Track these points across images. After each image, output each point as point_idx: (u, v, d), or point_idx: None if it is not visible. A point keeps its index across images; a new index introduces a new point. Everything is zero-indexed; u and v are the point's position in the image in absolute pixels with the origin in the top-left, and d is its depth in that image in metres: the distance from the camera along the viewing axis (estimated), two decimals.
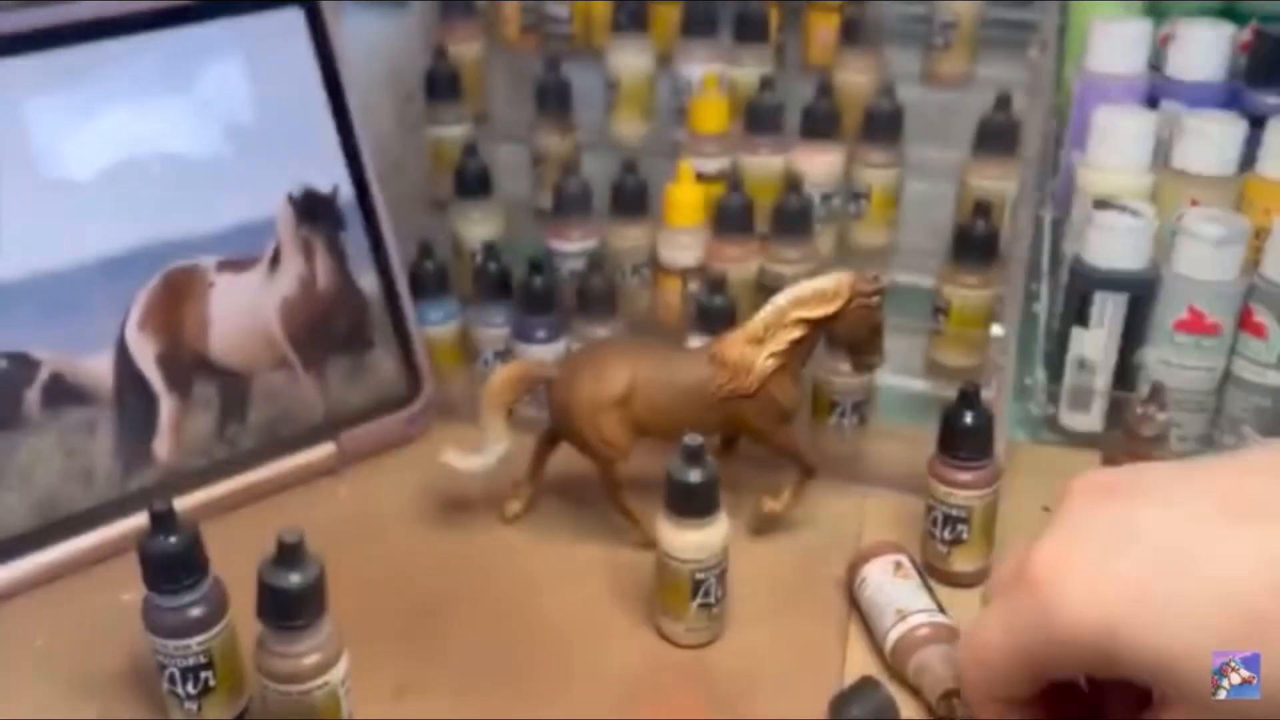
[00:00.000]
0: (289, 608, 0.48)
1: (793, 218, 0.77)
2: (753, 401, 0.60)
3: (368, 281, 0.74)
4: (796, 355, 0.60)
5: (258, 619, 0.48)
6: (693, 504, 0.56)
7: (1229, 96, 0.78)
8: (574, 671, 0.58)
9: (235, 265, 0.69)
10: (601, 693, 0.56)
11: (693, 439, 0.55)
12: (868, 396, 0.73)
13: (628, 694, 0.56)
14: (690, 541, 0.56)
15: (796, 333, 0.59)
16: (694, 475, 0.55)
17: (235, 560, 0.60)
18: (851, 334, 0.61)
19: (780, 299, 0.60)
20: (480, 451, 0.63)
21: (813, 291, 0.59)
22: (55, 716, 0.55)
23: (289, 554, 0.48)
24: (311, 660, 0.48)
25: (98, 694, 0.56)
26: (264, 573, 0.48)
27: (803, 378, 0.63)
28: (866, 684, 0.53)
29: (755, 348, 0.59)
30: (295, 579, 0.47)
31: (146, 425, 0.66)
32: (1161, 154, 0.76)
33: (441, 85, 0.89)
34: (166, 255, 0.66)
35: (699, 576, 0.57)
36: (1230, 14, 0.83)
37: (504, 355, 0.78)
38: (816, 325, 0.60)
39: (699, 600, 0.57)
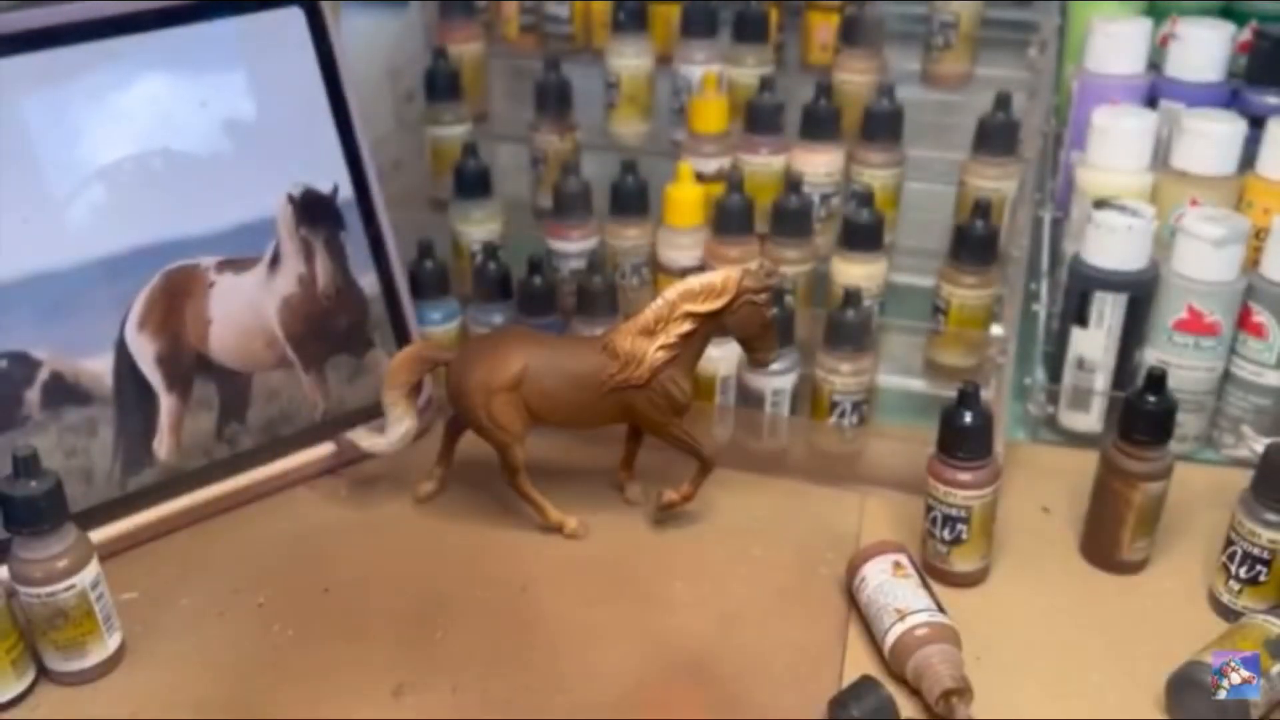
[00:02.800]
0: (34, 513, 0.54)
1: (793, 218, 0.77)
2: (644, 392, 0.62)
3: (368, 281, 0.74)
4: (688, 348, 0.62)
5: (6, 530, 0.54)
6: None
7: (1229, 96, 0.78)
8: (573, 672, 0.57)
9: (235, 265, 0.69)
10: (601, 692, 0.56)
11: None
12: (868, 396, 0.73)
13: (628, 694, 0.56)
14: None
15: (686, 326, 0.60)
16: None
17: (236, 560, 0.61)
18: (742, 329, 0.62)
19: (670, 293, 0.61)
20: (385, 432, 0.66)
21: (701, 286, 0.61)
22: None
23: (25, 466, 0.54)
24: (62, 564, 0.55)
25: None
26: (4, 486, 0.54)
27: (695, 372, 0.65)
28: (866, 684, 0.53)
29: (646, 339, 0.61)
30: (35, 485, 0.54)
31: (146, 425, 0.66)
32: (1161, 154, 0.76)
33: (441, 85, 0.89)
34: (166, 255, 0.66)
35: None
36: (1230, 14, 0.83)
37: None
38: (705, 320, 0.61)
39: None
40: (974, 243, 0.75)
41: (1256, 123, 0.73)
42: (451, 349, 0.66)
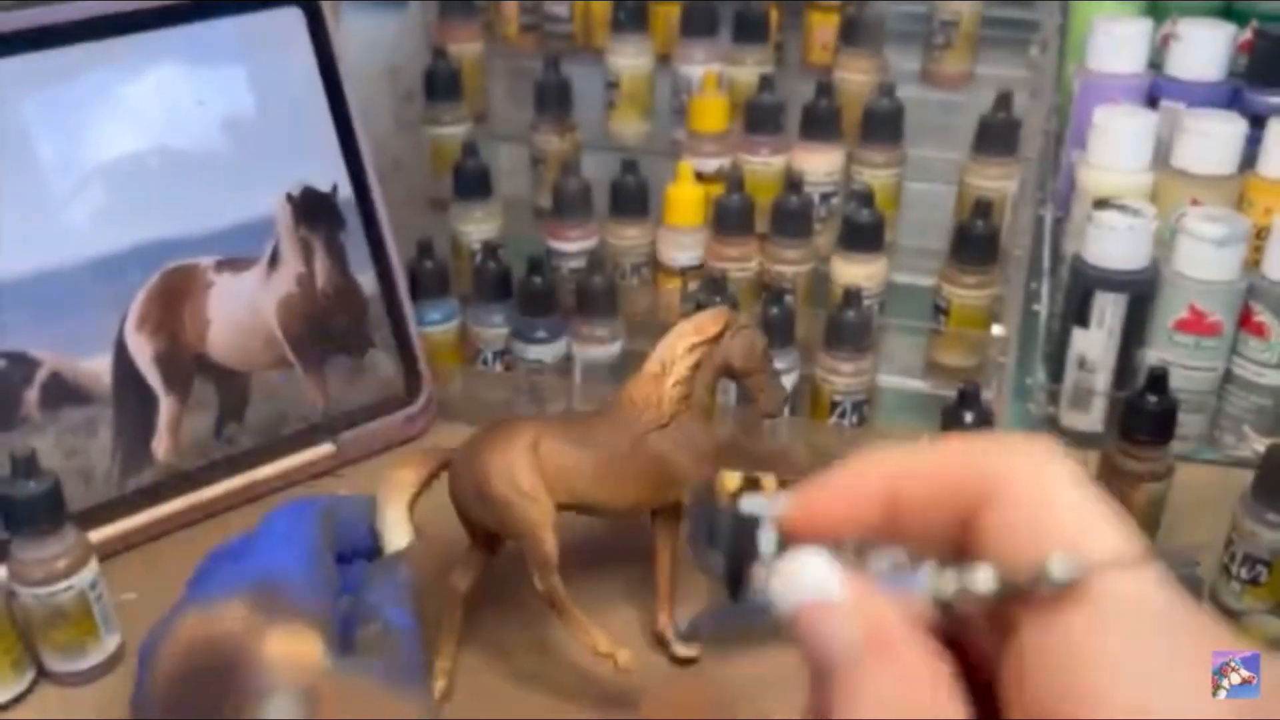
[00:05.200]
0: (33, 514, 0.54)
1: (793, 217, 0.77)
2: (669, 434, 0.57)
3: (367, 281, 0.74)
4: (701, 388, 0.58)
5: (4, 530, 0.54)
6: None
7: (1229, 96, 0.78)
8: (573, 671, 0.57)
9: (234, 265, 0.69)
10: (601, 692, 0.56)
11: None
12: (868, 396, 0.73)
13: (628, 694, 0.56)
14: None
15: (692, 359, 0.58)
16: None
17: None
18: (743, 361, 0.59)
19: (666, 338, 0.59)
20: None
21: (694, 322, 0.59)
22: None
23: (24, 466, 0.54)
24: (61, 564, 0.54)
25: None
26: (4, 487, 0.53)
27: (712, 422, 0.60)
28: None
29: (658, 381, 0.58)
30: (34, 486, 0.53)
31: (145, 425, 0.66)
32: (1162, 153, 0.76)
33: (441, 85, 0.89)
34: (165, 255, 0.66)
35: None
36: (1230, 13, 0.83)
37: (503, 355, 0.78)
38: (707, 352, 0.58)
39: None
40: (974, 243, 0.75)
41: (1257, 122, 0.73)
42: (451, 448, 0.57)
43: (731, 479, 0.30)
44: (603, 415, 0.58)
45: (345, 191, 0.72)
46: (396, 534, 0.52)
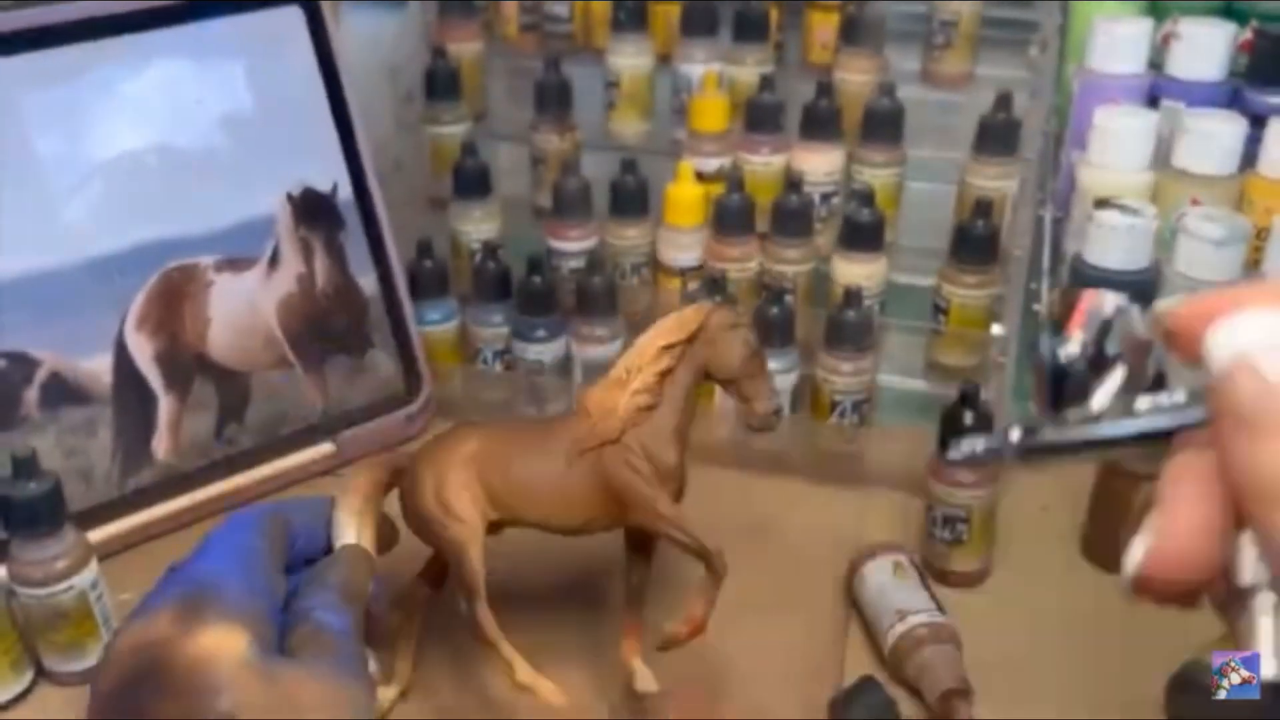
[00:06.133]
0: (33, 514, 0.54)
1: (793, 217, 0.77)
2: (619, 452, 0.51)
3: (367, 281, 0.74)
4: (670, 399, 0.52)
5: (4, 531, 0.54)
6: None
7: (1230, 96, 0.78)
8: (572, 670, 0.57)
9: (234, 264, 0.69)
10: (600, 692, 0.56)
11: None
12: (868, 396, 0.73)
13: (627, 694, 0.56)
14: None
15: (661, 363, 0.52)
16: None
17: None
18: (727, 365, 0.53)
19: (640, 338, 0.53)
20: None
21: (673, 318, 0.53)
22: None
23: (25, 467, 0.54)
24: (61, 565, 0.54)
25: None
26: (4, 488, 0.53)
27: (686, 437, 0.53)
28: (866, 684, 0.53)
29: (620, 388, 0.52)
30: (34, 487, 0.54)
31: (145, 425, 0.66)
32: (1162, 153, 0.76)
33: (441, 84, 0.89)
34: (165, 254, 0.66)
35: None
36: (1231, 13, 0.83)
37: (503, 355, 0.78)
38: (682, 355, 0.52)
39: None
40: (975, 242, 0.75)
41: (1258, 122, 0.73)
42: (410, 454, 0.55)
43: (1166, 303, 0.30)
44: (557, 424, 0.53)
45: (345, 191, 0.72)
46: (344, 537, 0.51)
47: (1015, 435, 0.28)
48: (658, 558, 0.55)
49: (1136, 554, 0.28)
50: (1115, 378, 0.28)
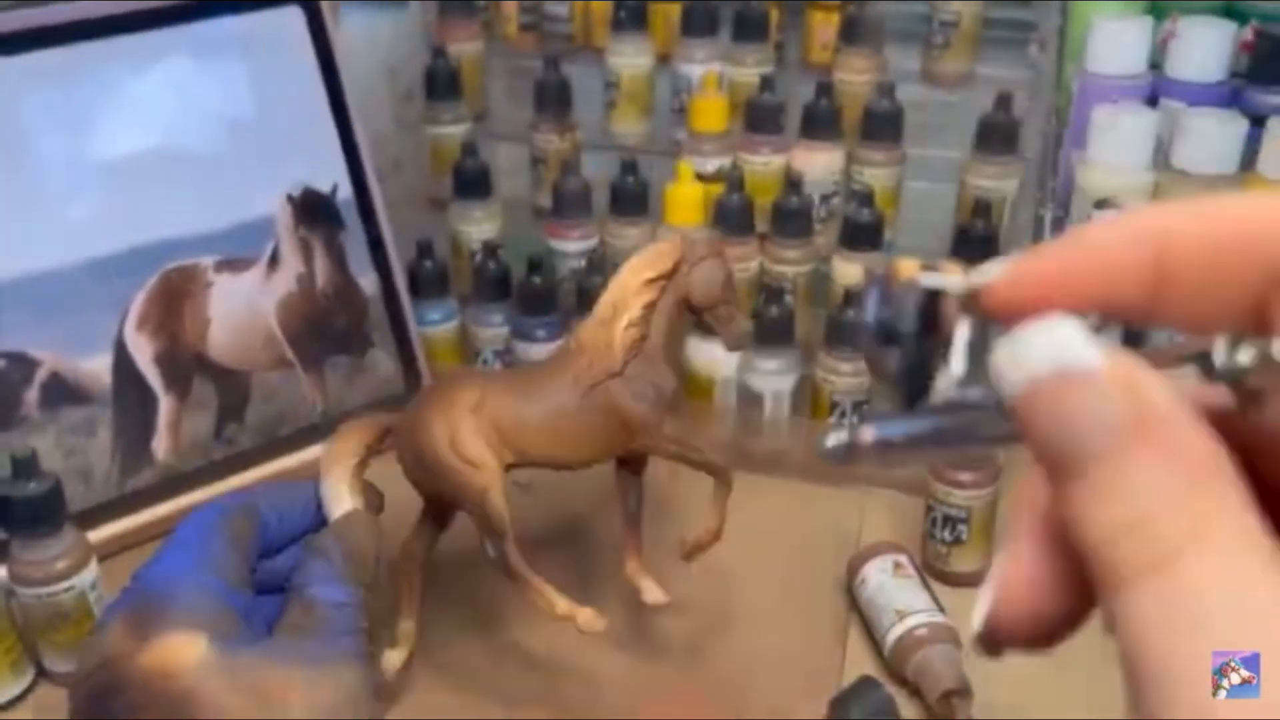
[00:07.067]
0: (33, 514, 0.54)
1: (793, 217, 0.77)
2: (624, 383, 0.53)
3: (367, 281, 0.74)
4: (658, 328, 0.55)
5: (4, 531, 0.54)
6: None
7: (1229, 96, 0.78)
8: (573, 670, 0.57)
9: (234, 265, 0.69)
10: (601, 691, 0.56)
11: None
12: (868, 396, 0.73)
13: (628, 694, 0.56)
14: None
15: (646, 296, 0.54)
16: None
17: None
18: (707, 293, 0.55)
19: (619, 273, 0.56)
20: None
21: (650, 252, 0.56)
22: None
23: (25, 467, 0.54)
24: (60, 565, 0.54)
25: None
26: (4, 488, 0.53)
27: (679, 362, 0.57)
28: (866, 684, 0.53)
29: (609, 325, 0.54)
30: (34, 487, 0.54)
31: (145, 425, 0.66)
32: (1162, 153, 0.76)
33: (441, 84, 0.89)
34: (165, 255, 0.66)
35: None
36: (1230, 13, 0.83)
37: (503, 355, 0.78)
38: (664, 288, 0.55)
39: None
40: (974, 242, 0.75)
41: (1257, 122, 0.73)
42: (393, 416, 0.55)
43: (908, 265, 0.24)
44: (552, 366, 0.55)
45: (345, 191, 0.72)
46: (337, 506, 0.50)
47: (869, 435, 0.24)
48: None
49: (980, 610, 0.22)
50: (958, 356, 0.23)
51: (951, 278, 0.23)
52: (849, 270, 0.76)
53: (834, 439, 0.24)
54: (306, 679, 0.40)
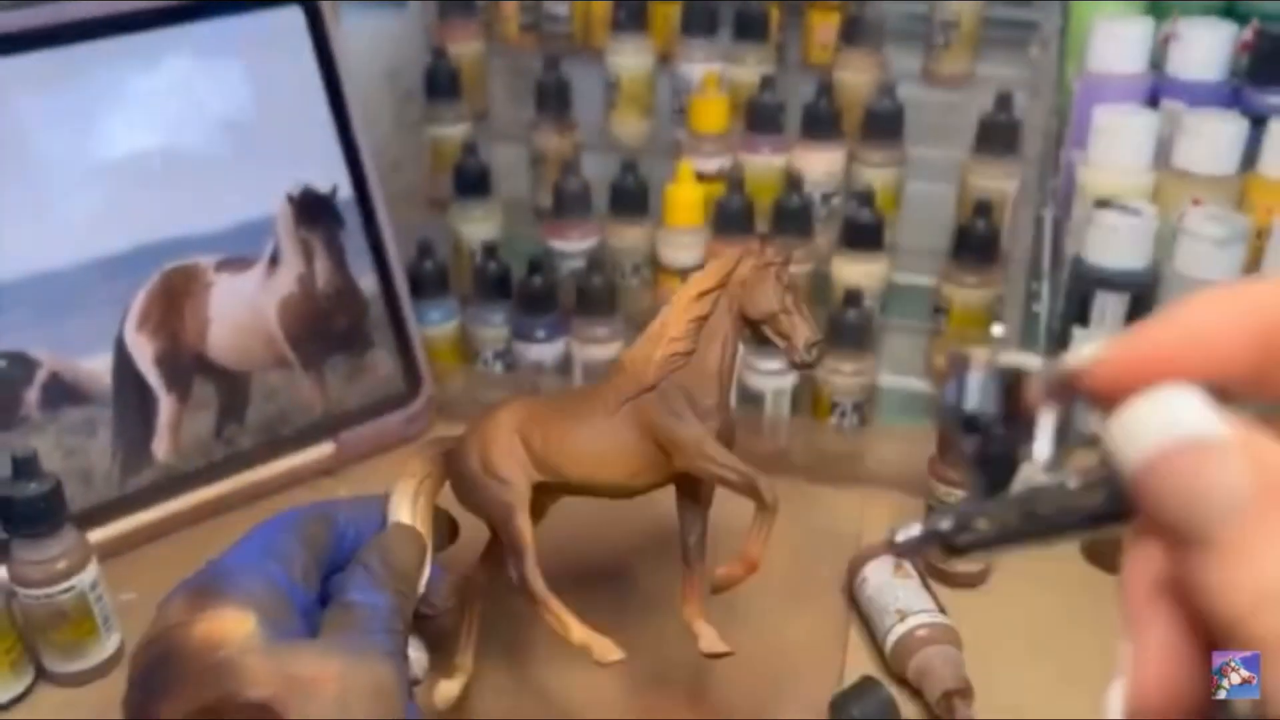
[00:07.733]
0: (33, 515, 0.54)
1: (793, 217, 0.77)
2: (658, 398, 0.51)
3: (367, 281, 0.73)
4: (712, 345, 0.52)
5: (4, 531, 0.54)
6: None
7: (1230, 96, 0.78)
8: (572, 669, 0.57)
9: (234, 265, 0.69)
10: (601, 691, 0.56)
11: None
12: (868, 396, 0.73)
13: (628, 694, 0.56)
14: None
15: (695, 310, 0.52)
16: None
17: None
18: (762, 304, 0.52)
19: (675, 295, 0.54)
20: None
21: (707, 269, 0.53)
22: None
23: (25, 468, 0.53)
24: (61, 565, 0.54)
25: None
26: (4, 488, 0.53)
27: (728, 384, 0.53)
28: (866, 684, 0.53)
29: (655, 341, 0.52)
30: (35, 487, 0.53)
31: (145, 425, 0.66)
32: (1163, 153, 0.76)
33: (441, 84, 0.89)
34: (165, 255, 0.66)
35: None
36: (1231, 13, 0.83)
37: (503, 355, 0.78)
38: (715, 299, 0.52)
39: None
40: (975, 242, 0.75)
41: (1258, 122, 0.73)
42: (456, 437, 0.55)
43: (982, 351, 0.24)
44: (599, 385, 0.54)
45: (345, 192, 0.72)
46: (395, 518, 0.51)
47: (946, 525, 0.24)
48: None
49: (1115, 703, 0.22)
50: (1044, 441, 0.22)
51: (1031, 359, 0.23)
52: (849, 270, 0.76)
53: (904, 534, 0.24)
54: (341, 670, 0.41)
